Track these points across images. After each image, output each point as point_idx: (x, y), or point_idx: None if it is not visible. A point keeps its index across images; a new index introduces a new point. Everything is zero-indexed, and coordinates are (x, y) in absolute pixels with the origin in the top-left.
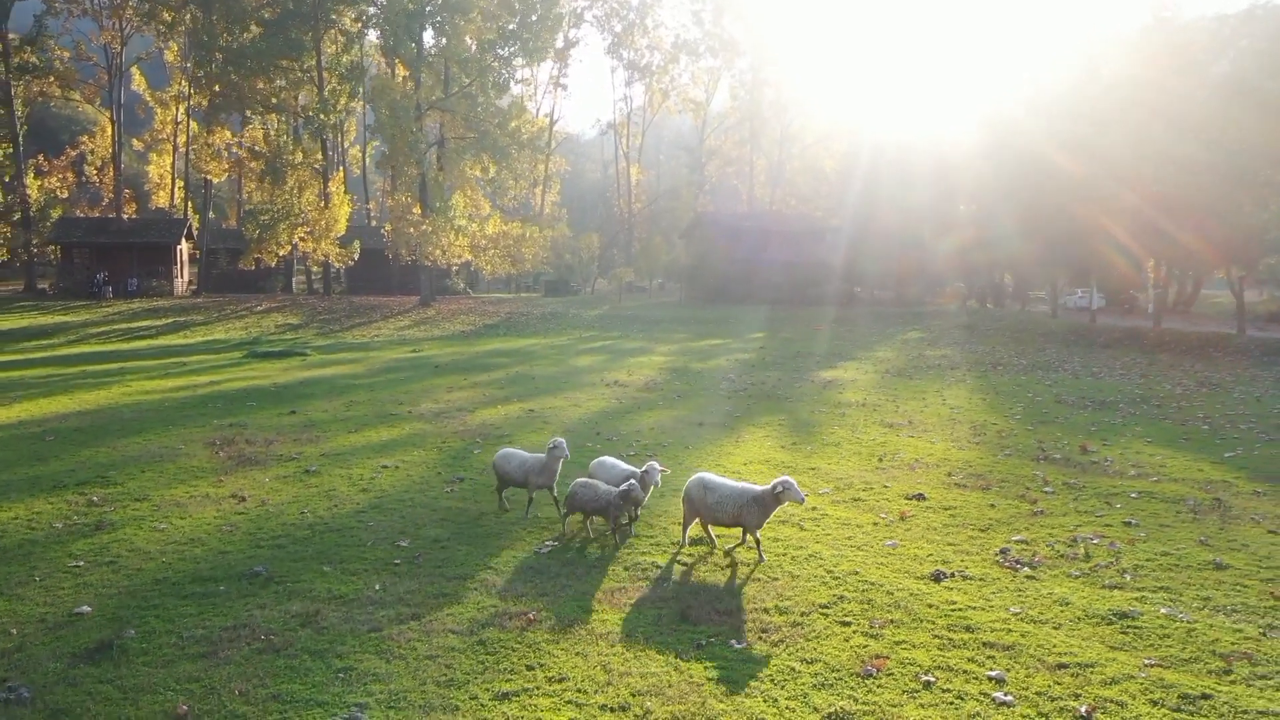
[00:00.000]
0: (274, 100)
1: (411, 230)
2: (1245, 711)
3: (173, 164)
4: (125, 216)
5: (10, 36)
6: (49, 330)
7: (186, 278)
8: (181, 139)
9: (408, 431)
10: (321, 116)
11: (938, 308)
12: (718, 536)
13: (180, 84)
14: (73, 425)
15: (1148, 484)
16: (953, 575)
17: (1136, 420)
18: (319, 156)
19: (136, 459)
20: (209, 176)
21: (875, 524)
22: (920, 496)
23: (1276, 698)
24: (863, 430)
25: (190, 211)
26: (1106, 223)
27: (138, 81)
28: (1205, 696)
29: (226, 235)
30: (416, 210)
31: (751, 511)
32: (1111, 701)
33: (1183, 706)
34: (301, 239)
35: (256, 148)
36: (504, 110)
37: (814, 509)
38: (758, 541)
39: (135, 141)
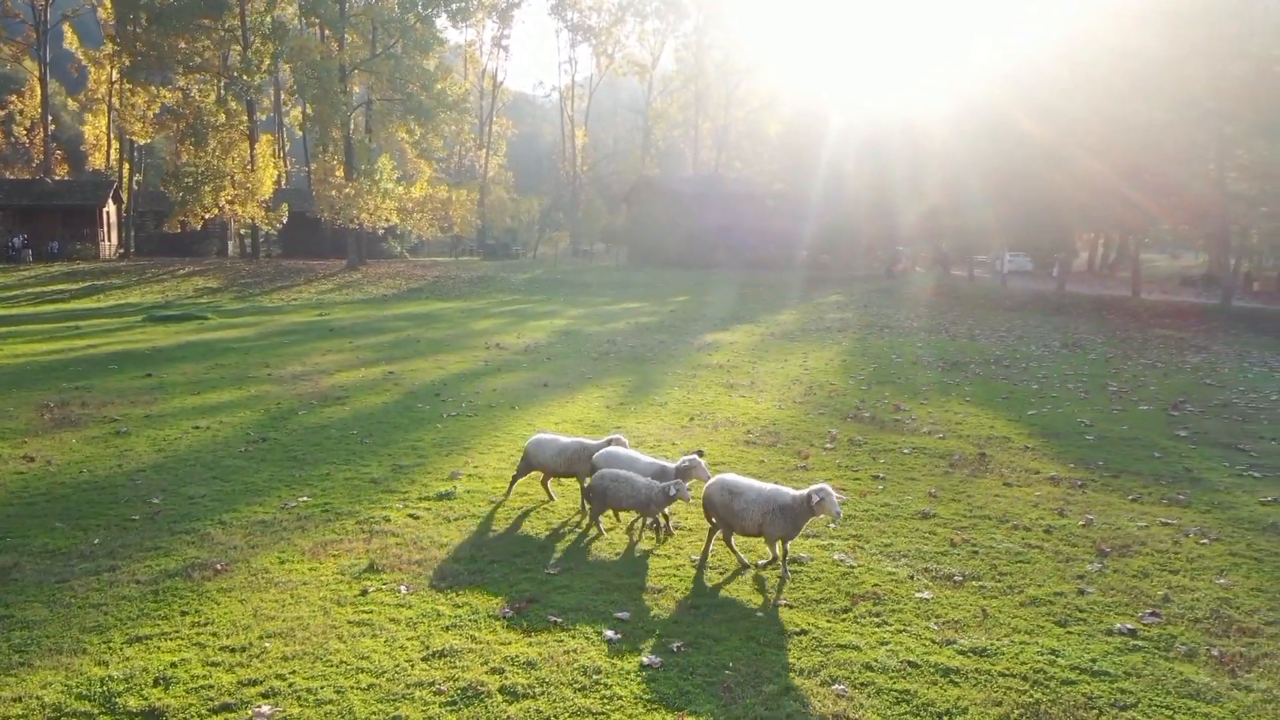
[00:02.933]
0: (197, 60)
1: (334, 193)
2: (826, 645)
3: (108, 125)
4: (56, 178)
5: None
6: None
7: (115, 241)
8: (116, 99)
9: (251, 393)
10: (245, 77)
11: (871, 271)
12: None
13: (113, 42)
14: None
15: (931, 440)
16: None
17: (974, 380)
18: (244, 118)
19: None
20: (134, 138)
21: None
22: (699, 453)
23: (865, 633)
24: (699, 391)
25: (127, 173)
26: (1067, 187)
27: (69, 39)
28: (803, 632)
29: (161, 198)
30: (339, 173)
31: (776, 522)
32: (709, 637)
33: (776, 640)
34: (229, 201)
35: (177, 108)
36: (429, 72)
37: None
38: (784, 553)
39: (70, 101)
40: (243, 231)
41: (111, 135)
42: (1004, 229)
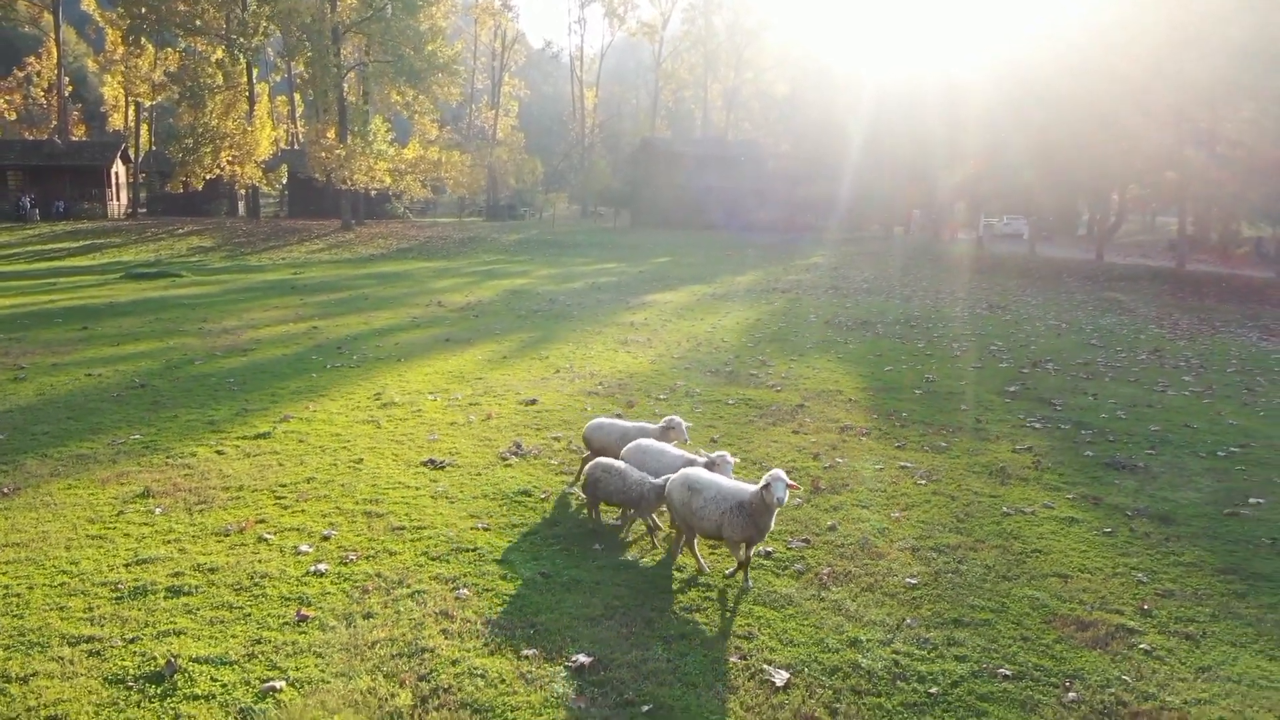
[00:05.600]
0: (197, 22)
1: (325, 155)
2: (486, 561)
3: (125, 86)
4: (73, 139)
5: None
6: None
7: (124, 201)
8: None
9: (168, 345)
10: (241, 39)
11: (871, 233)
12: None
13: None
14: None
15: (767, 393)
16: (444, 465)
17: (866, 339)
18: (243, 80)
19: None
20: (140, 99)
21: (452, 423)
22: (533, 401)
23: (529, 552)
24: (589, 347)
25: (147, 134)
26: (1115, 149)
27: (87, 1)
28: (474, 549)
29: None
30: (330, 134)
31: (735, 521)
32: (388, 552)
33: (445, 556)
34: (229, 162)
35: (172, 69)
36: (420, 33)
37: (416, 410)
38: (746, 561)
39: (90, 62)
40: (241, 191)
41: (128, 96)
42: (1044, 191)
